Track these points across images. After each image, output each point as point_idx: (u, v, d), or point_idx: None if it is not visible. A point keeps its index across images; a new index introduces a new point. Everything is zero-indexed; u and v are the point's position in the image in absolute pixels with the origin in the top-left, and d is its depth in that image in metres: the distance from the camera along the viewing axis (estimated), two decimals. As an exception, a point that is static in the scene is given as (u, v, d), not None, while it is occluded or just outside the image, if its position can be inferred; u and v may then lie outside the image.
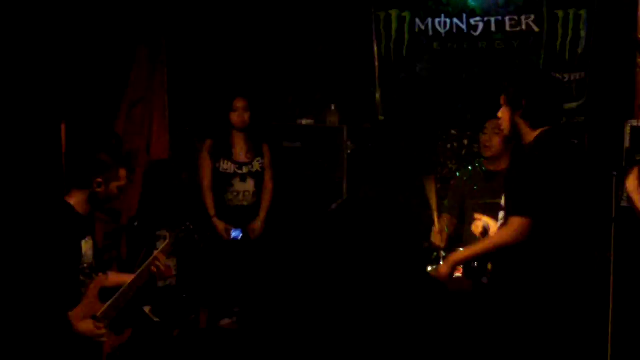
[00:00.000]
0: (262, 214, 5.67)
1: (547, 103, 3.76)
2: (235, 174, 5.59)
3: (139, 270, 3.90)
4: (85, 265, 3.85)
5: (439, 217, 4.76)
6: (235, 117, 5.57)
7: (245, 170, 5.60)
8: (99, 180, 3.84)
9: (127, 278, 3.86)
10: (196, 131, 6.42)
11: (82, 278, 3.82)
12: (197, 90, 6.65)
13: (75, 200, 3.85)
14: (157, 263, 3.92)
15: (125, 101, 6.25)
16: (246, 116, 5.58)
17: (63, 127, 5.55)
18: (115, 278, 3.96)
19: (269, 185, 5.73)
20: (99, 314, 3.59)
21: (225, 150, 5.57)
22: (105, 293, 3.75)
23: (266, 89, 6.58)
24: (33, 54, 5.42)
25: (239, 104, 5.57)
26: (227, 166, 5.58)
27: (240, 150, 5.62)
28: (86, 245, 3.86)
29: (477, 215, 4.42)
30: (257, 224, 5.64)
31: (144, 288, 4.06)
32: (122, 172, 3.96)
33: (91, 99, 5.92)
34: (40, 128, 5.44)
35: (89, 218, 3.97)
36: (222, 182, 5.58)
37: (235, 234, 5.53)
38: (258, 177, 5.64)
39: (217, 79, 6.61)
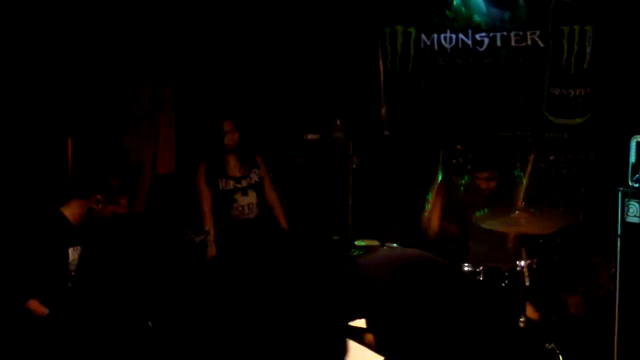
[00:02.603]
0: (283, 222, 5.80)
1: None
2: (235, 189, 5.61)
3: None
4: (72, 272, 3.94)
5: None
6: (226, 140, 5.62)
7: (244, 183, 5.62)
8: (99, 197, 3.93)
9: None
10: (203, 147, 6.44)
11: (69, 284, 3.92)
12: (204, 105, 6.67)
13: (71, 210, 3.94)
14: None
15: (132, 116, 6.29)
16: (236, 137, 5.63)
17: (69, 141, 5.59)
18: None
19: (272, 193, 5.78)
20: None
21: (219, 170, 5.61)
22: None
23: (272, 104, 6.60)
24: (40, 68, 5.46)
25: (227, 127, 5.63)
26: (225, 184, 5.60)
27: (234, 167, 5.65)
28: (74, 254, 3.94)
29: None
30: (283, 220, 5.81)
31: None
32: (124, 200, 4.07)
33: (98, 114, 5.96)
34: (46, 142, 5.48)
35: (81, 229, 4.04)
36: (225, 200, 5.59)
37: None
38: (258, 188, 5.68)
39: (223, 93, 6.62)
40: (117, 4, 6.02)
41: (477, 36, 6.07)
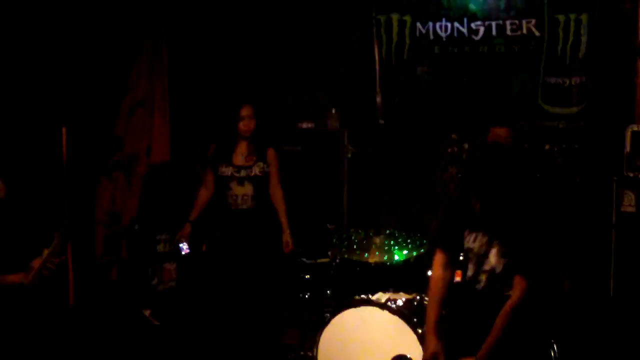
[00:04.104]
0: (285, 224, 5.67)
1: None
2: (232, 177, 5.56)
3: (32, 270, 4.01)
4: None
5: None
6: (241, 126, 5.55)
7: (243, 174, 5.57)
8: None
9: (16, 277, 4.01)
10: (197, 135, 6.42)
11: None
12: (198, 94, 6.66)
13: None
14: (49, 265, 4.05)
15: (126, 104, 6.27)
16: (252, 124, 5.56)
17: (64, 130, 5.57)
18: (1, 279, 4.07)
19: (278, 191, 5.69)
20: None
21: (225, 155, 5.56)
22: None
23: (266, 92, 6.59)
24: (34, 57, 5.44)
25: (245, 112, 5.54)
26: (224, 169, 5.56)
27: (240, 155, 5.60)
28: None
29: None
30: (287, 236, 5.66)
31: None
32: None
33: (92, 103, 5.94)
34: (40, 131, 5.46)
35: None
36: (221, 186, 5.57)
37: (182, 246, 5.62)
38: (257, 181, 5.60)
39: (218, 82, 6.61)
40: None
41: (473, 25, 6.06)
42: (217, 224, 5.63)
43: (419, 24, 6.25)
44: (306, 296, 5.63)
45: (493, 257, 3.49)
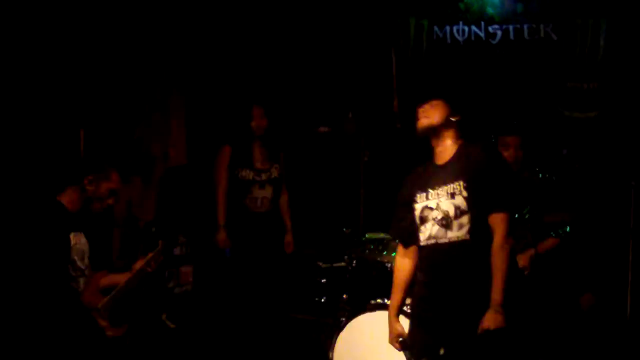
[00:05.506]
0: (289, 225, 5.77)
1: None
2: (254, 181, 5.58)
3: (135, 271, 4.13)
4: (75, 258, 4.00)
5: None
6: (253, 124, 5.57)
7: (264, 177, 5.59)
8: (90, 178, 3.98)
9: (122, 277, 4.12)
10: (214, 138, 6.43)
11: (73, 273, 3.96)
12: (214, 98, 6.67)
13: (67, 198, 4.02)
14: (152, 264, 4.15)
15: (144, 109, 6.30)
16: (263, 123, 5.59)
17: (82, 133, 5.61)
18: (109, 279, 4.17)
19: (285, 194, 5.75)
20: (100, 305, 3.91)
21: (244, 159, 5.57)
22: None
23: (284, 97, 6.60)
24: (53, 60, 5.48)
25: (257, 112, 5.57)
26: (245, 173, 5.57)
27: (258, 158, 5.62)
28: (75, 239, 4.00)
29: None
30: (290, 237, 5.73)
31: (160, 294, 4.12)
32: (114, 175, 4.14)
33: (110, 106, 5.97)
34: (58, 133, 5.50)
35: (80, 215, 4.08)
36: (241, 189, 5.58)
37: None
38: (276, 183, 5.64)
39: (234, 86, 6.62)
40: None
41: (490, 28, 6.06)
42: (234, 228, 5.63)
43: (436, 28, 6.26)
44: (322, 300, 5.62)
45: (444, 204, 3.56)
